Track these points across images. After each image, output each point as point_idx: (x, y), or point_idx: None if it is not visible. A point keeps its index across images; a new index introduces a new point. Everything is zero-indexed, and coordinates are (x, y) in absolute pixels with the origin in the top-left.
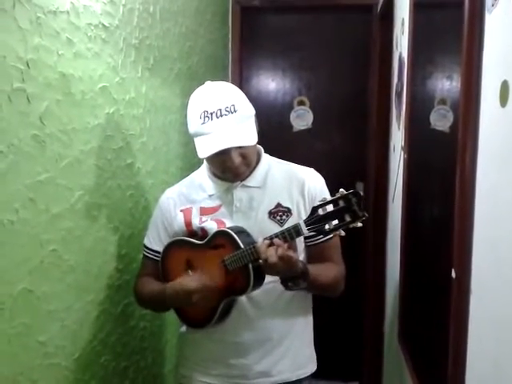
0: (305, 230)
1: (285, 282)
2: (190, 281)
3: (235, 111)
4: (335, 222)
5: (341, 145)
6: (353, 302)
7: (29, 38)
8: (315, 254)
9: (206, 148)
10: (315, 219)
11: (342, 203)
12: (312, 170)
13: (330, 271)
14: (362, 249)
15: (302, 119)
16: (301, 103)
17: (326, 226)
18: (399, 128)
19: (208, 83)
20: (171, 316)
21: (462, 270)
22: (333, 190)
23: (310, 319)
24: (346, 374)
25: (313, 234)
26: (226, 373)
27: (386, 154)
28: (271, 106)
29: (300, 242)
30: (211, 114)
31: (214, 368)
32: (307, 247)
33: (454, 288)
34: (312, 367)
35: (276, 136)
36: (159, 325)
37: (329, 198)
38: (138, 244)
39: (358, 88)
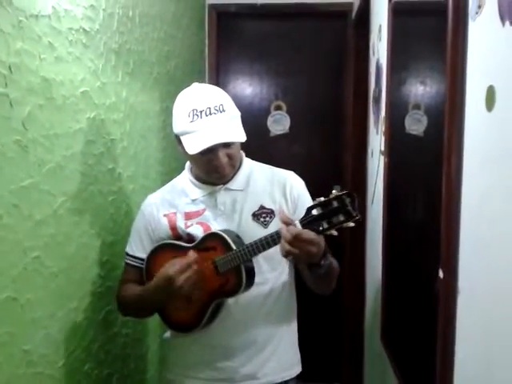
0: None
1: (317, 262)
2: (169, 266)
3: (224, 110)
4: (329, 221)
5: (318, 149)
6: (331, 302)
7: (11, 42)
8: None
9: (195, 145)
10: (310, 219)
11: (335, 203)
12: (292, 172)
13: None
14: (339, 250)
15: (278, 124)
16: (278, 108)
17: (321, 226)
18: (378, 133)
19: (195, 84)
20: (153, 322)
21: (450, 270)
22: (310, 194)
23: (295, 322)
24: (326, 376)
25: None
26: (213, 376)
27: (362, 158)
28: (248, 110)
29: None
30: (200, 112)
31: (202, 371)
32: None
33: (442, 288)
34: (297, 369)
35: (253, 141)
36: (141, 331)
37: (323, 198)
38: (119, 250)
39: (334, 93)
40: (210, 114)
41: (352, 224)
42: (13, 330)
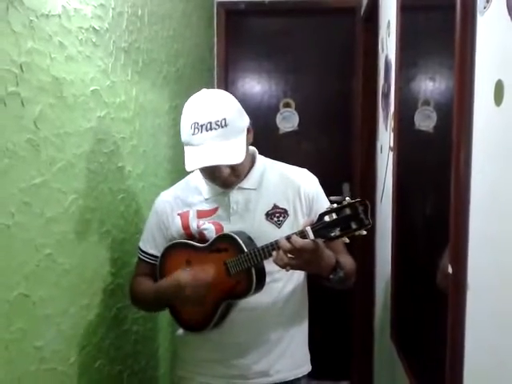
0: (311, 235)
1: (326, 277)
2: (182, 273)
3: (225, 125)
4: (341, 228)
5: (327, 146)
6: (340, 300)
7: (22, 42)
8: None
9: (192, 161)
10: (322, 225)
11: (348, 211)
12: (306, 170)
13: (348, 259)
14: (348, 247)
15: (287, 121)
16: (286, 105)
17: (332, 233)
18: (387, 129)
19: (203, 91)
20: (163, 319)
21: (459, 265)
22: None
23: (306, 320)
24: (335, 374)
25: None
26: (225, 373)
27: (372, 155)
28: (257, 108)
29: None
30: (201, 126)
31: (214, 368)
32: None
33: (451, 284)
34: (308, 367)
35: (262, 138)
36: (151, 328)
37: (335, 205)
38: (130, 248)
39: (343, 90)
40: (210, 130)
41: (364, 232)
42: (25, 326)
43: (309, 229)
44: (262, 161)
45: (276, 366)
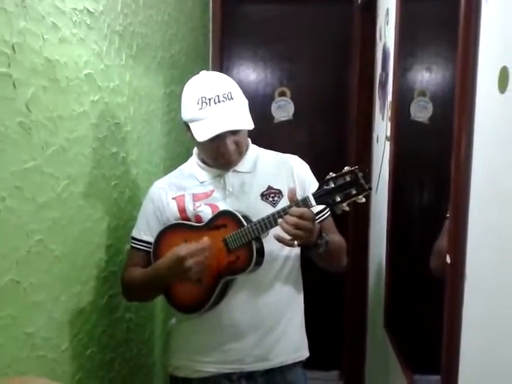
0: (313, 202)
1: (314, 242)
2: (179, 247)
3: (232, 98)
4: (342, 195)
5: (322, 136)
6: (332, 288)
7: (14, 22)
8: None
9: (203, 132)
10: (323, 192)
11: (348, 178)
12: (296, 156)
13: (337, 235)
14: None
15: (283, 110)
16: (282, 94)
17: (333, 199)
18: (383, 118)
19: (203, 72)
20: (156, 307)
21: (457, 255)
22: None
23: (302, 304)
24: (325, 363)
25: (321, 207)
26: (222, 359)
27: (367, 145)
28: (252, 96)
29: None
30: (209, 99)
31: (210, 355)
32: None
33: (449, 273)
34: (305, 352)
35: (257, 127)
36: (144, 316)
37: (334, 174)
38: (123, 235)
39: (339, 79)
40: (218, 102)
41: (363, 199)
42: (15, 312)
43: (311, 196)
44: (254, 148)
45: (275, 349)
